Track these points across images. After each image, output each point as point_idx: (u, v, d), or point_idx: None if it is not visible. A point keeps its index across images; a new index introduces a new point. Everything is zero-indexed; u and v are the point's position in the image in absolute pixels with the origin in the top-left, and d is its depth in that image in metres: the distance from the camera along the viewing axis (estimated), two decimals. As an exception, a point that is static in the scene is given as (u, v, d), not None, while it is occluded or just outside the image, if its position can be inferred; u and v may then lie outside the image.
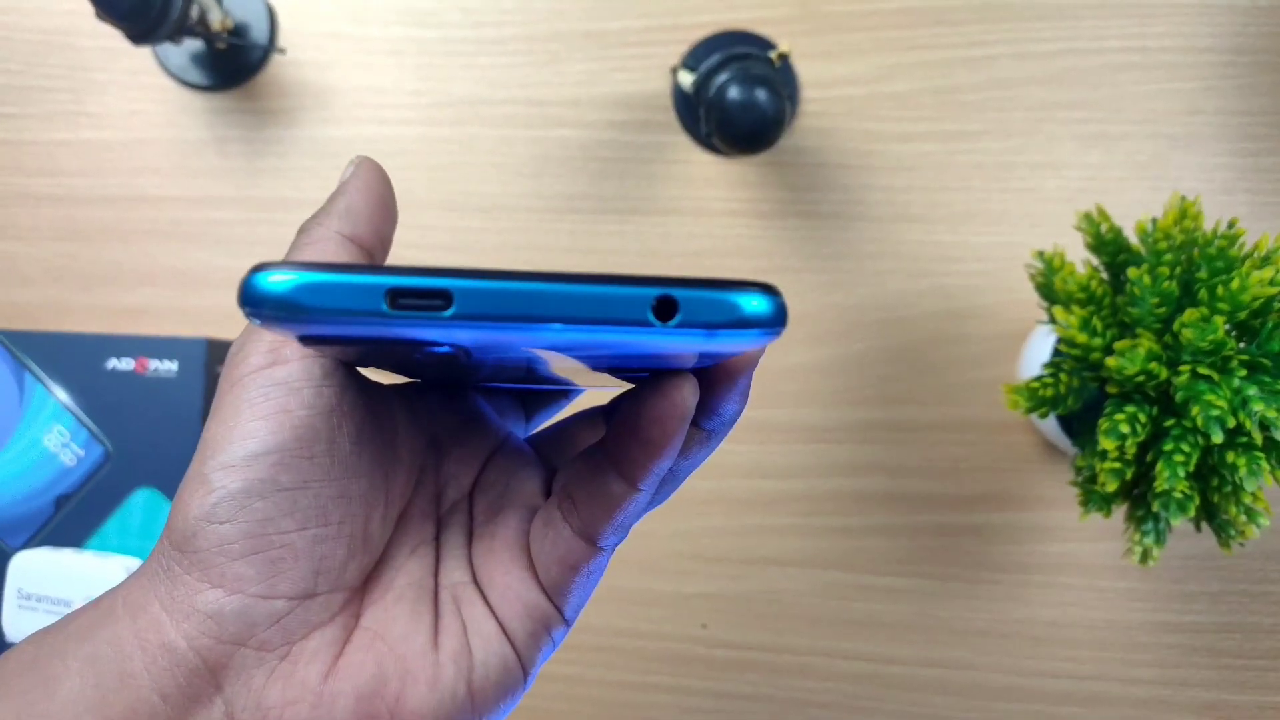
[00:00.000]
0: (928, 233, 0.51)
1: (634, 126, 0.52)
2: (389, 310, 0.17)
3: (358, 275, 0.17)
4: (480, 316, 0.17)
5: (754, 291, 0.17)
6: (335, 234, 0.25)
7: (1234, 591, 0.50)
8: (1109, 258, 0.41)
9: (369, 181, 0.26)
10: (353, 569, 0.23)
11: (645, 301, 0.17)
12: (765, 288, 0.18)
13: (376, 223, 0.26)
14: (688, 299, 0.17)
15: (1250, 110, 0.50)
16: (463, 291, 0.17)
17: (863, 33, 0.51)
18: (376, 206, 0.26)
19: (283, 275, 0.17)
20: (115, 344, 0.50)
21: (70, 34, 0.53)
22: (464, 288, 0.17)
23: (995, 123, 0.51)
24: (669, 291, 0.17)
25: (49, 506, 0.50)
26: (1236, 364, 0.37)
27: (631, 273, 0.17)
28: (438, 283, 0.17)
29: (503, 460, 0.28)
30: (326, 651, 0.22)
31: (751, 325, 0.17)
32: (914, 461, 0.51)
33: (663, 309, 0.17)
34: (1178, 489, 0.37)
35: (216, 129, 0.53)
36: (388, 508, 0.25)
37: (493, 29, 0.52)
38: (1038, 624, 0.51)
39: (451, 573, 0.25)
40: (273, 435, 0.22)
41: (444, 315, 0.17)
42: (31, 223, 0.53)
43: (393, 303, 0.17)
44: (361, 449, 0.24)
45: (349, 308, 0.17)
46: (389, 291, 0.17)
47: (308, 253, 0.25)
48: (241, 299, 0.17)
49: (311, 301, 0.17)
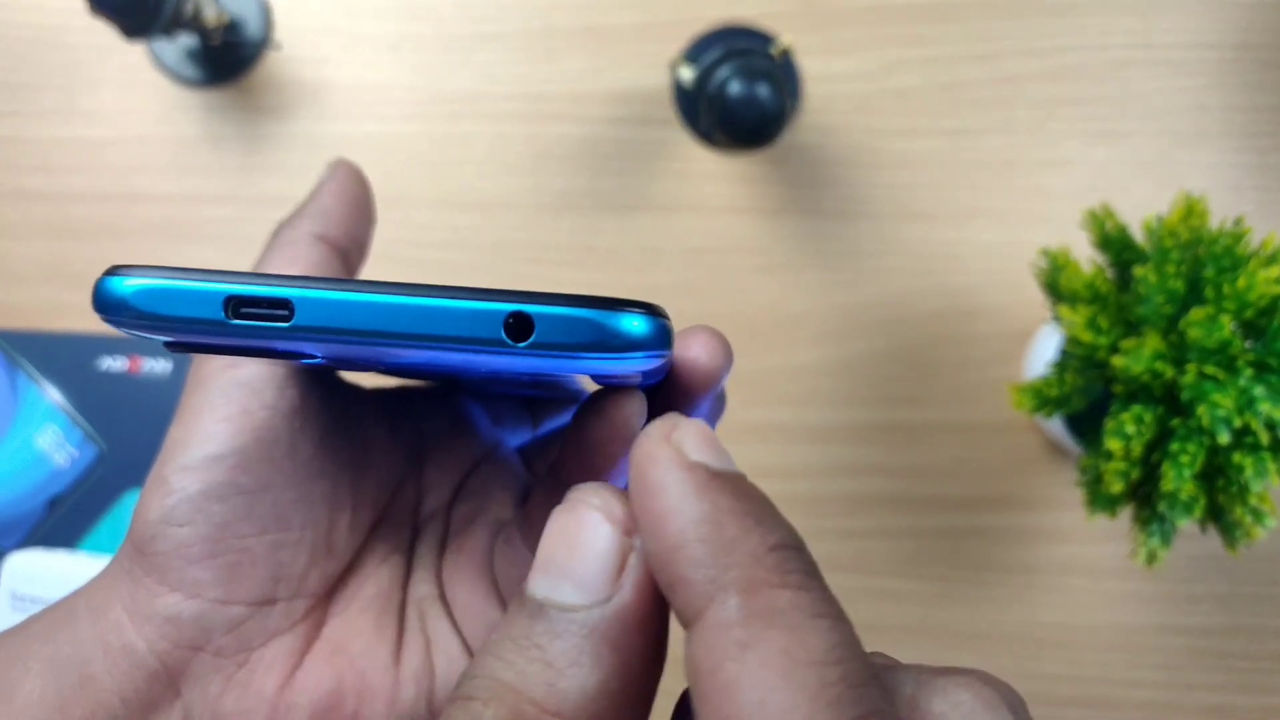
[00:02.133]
0: (931, 230, 0.51)
1: (633, 122, 0.51)
2: (228, 319, 0.16)
3: (197, 282, 0.16)
4: (322, 330, 0.16)
5: (630, 311, 0.16)
6: (307, 234, 0.25)
7: (1241, 593, 0.50)
8: (1115, 256, 0.41)
9: (344, 184, 0.26)
10: (315, 576, 0.23)
11: (497, 319, 0.16)
12: (644, 307, 0.16)
13: (350, 224, 0.26)
14: (545, 317, 0.16)
15: (1257, 107, 0.50)
16: (304, 302, 0.16)
17: (865, 28, 0.51)
18: (350, 208, 0.26)
19: (130, 280, 0.16)
20: (108, 343, 0.50)
21: (63, 30, 0.53)
22: (305, 298, 0.16)
23: (1000, 120, 0.50)
24: (523, 308, 0.16)
25: (42, 507, 0.49)
26: (1243, 363, 0.37)
27: (491, 287, 0.16)
28: (278, 292, 0.16)
29: (486, 470, 0.27)
30: (284, 661, 0.22)
31: (622, 349, 0.16)
32: (917, 462, 0.51)
33: (517, 328, 0.16)
34: (1184, 490, 0.37)
35: (211, 125, 0.52)
36: (356, 514, 0.24)
37: (490, 24, 0.52)
38: (1042, 626, 0.50)
39: (419, 585, 0.25)
40: (233, 437, 0.21)
41: (283, 326, 0.16)
42: (24, 221, 0.53)
43: (233, 311, 0.16)
44: (326, 453, 0.23)
45: (187, 315, 0.16)
46: (228, 300, 0.16)
47: (276, 256, 0.25)
48: (94, 303, 0.17)
49: (153, 308, 0.16)
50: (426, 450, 0.27)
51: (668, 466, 0.14)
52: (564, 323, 0.16)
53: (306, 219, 0.25)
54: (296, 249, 0.24)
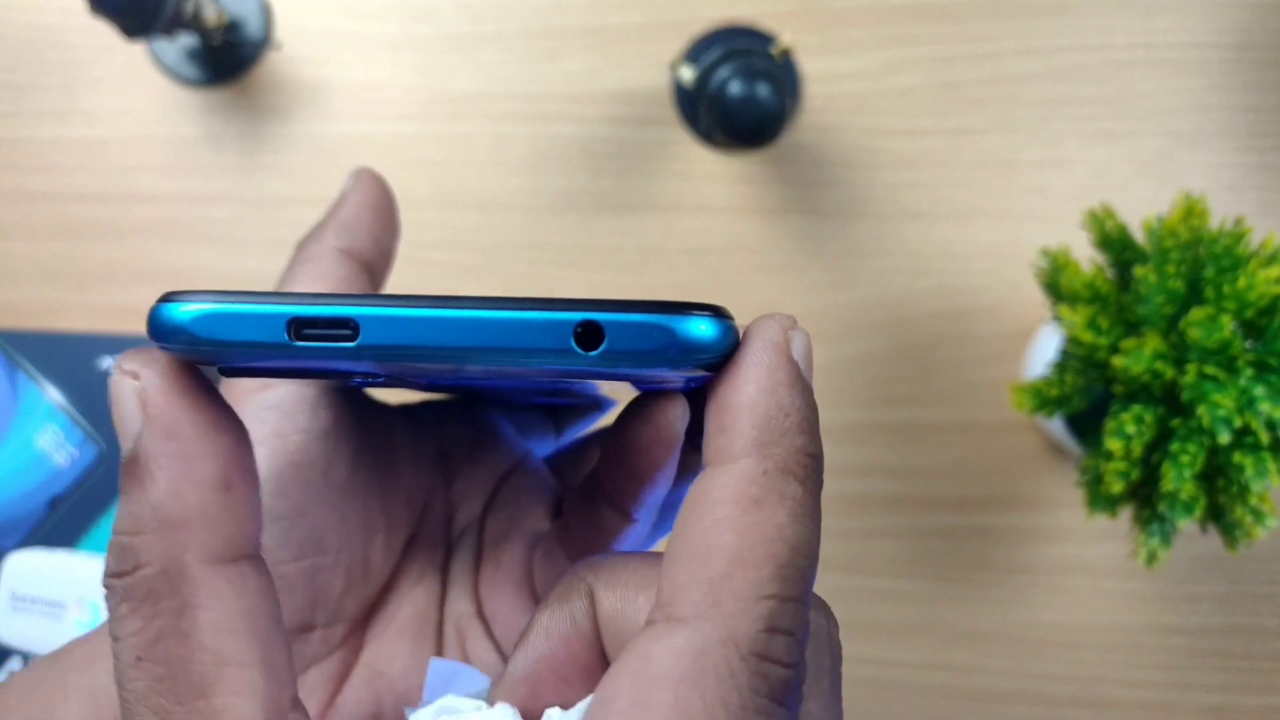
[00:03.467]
0: (931, 230, 0.51)
1: (634, 122, 0.51)
2: (292, 341, 0.16)
3: (258, 305, 0.16)
4: (388, 347, 0.16)
5: (697, 315, 0.16)
6: (332, 249, 0.24)
7: (1241, 593, 0.50)
8: (1115, 255, 0.41)
9: (367, 193, 0.26)
10: (351, 600, 0.22)
11: (567, 329, 0.16)
12: (712, 310, 0.16)
13: (375, 235, 0.25)
14: (615, 324, 0.16)
15: (1257, 107, 0.50)
16: (369, 320, 0.16)
17: (865, 28, 0.51)
18: (375, 219, 0.25)
19: (186, 306, 0.16)
20: (109, 343, 0.50)
21: (63, 30, 0.53)
22: (370, 315, 0.16)
23: (1000, 119, 0.50)
24: (592, 316, 0.16)
25: (42, 507, 0.49)
26: (1243, 363, 0.37)
27: (558, 297, 0.16)
28: (342, 311, 0.16)
29: (516, 482, 0.26)
30: (324, 688, 0.21)
31: (694, 355, 0.16)
32: (917, 462, 0.51)
33: (587, 336, 0.16)
34: (1184, 490, 0.37)
35: (211, 126, 0.52)
36: (390, 534, 0.24)
37: (491, 24, 0.52)
38: (1043, 626, 0.50)
39: (456, 603, 0.24)
40: (267, 462, 0.21)
41: (349, 346, 0.16)
42: (24, 221, 0.53)
43: (296, 333, 0.16)
44: (359, 473, 0.23)
45: (250, 339, 0.16)
46: (291, 321, 0.16)
47: (301, 272, 0.24)
48: (149, 331, 0.16)
49: (212, 333, 0.16)
50: (454, 464, 0.26)
51: (775, 350, 0.17)
52: (634, 329, 0.16)
53: (330, 232, 0.24)
54: (321, 264, 0.24)
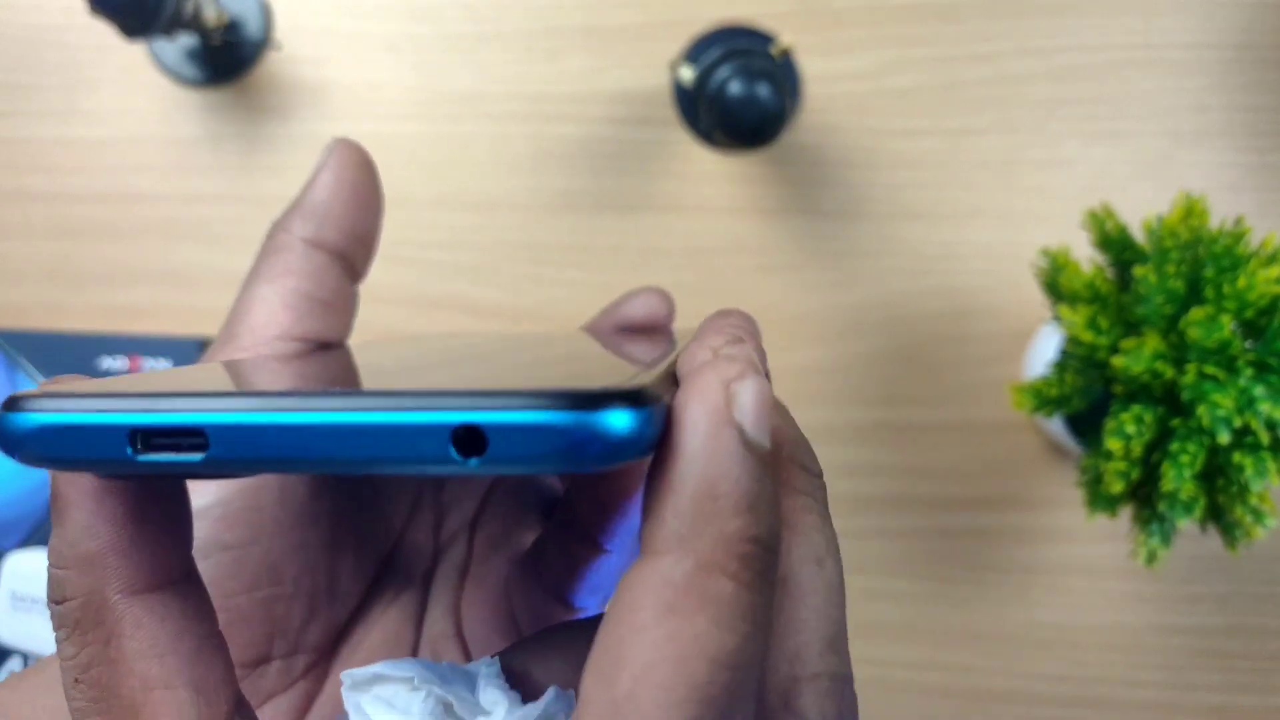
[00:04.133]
0: (931, 230, 0.51)
1: (634, 122, 0.51)
2: (135, 455, 0.14)
3: (93, 414, 0.14)
4: (242, 460, 0.14)
5: (606, 407, 0.13)
6: (299, 241, 0.22)
7: (1241, 593, 0.50)
8: (1115, 256, 0.41)
9: (341, 171, 0.23)
10: (315, 629, 0.21)
11: (443, 434, 0.13)
12: (626, 396, 0.13)
13: (349, 221, 0.23)
14: (500, 428, 0.13)
15: (1258, 107, 0.50)
16: (218, 429, 0.13)
17: (865, 28, 0.51)
18: (350, 200, 0.23)
19: (25, 417, 0.14)
20: (108, 343, 0.50)
21: (63, 30, 0.53)
22: (219, 423, 0.13)
23: (1000, 119, 0.50)
24: (472, 419, 0.13)
25: (42, 508, 0.49)
26: (1243, 363, 0.37)
27: (434, 387, 0.13)
28: (187, 420, 0.14)
29: (506, 492, 0.25)
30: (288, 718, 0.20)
31: (602, 458, 0.13)
32: (917, 462, 0.51)
33: (467, 442, 0.13)
34: (1184, 490, 0.37)
35: (211, 126, 0.52)
36: (361, 554, 0.22)
37: (491, 24, 0.52)
38: (1043, 626, 0.50)
39: (435, 623, 0.23)
40: (215, 489, 0.20)
41: (196, 459, 0.14)
42: (24, 221, 0.53)
43: (140, 444, 0.14)
44: (324, 492, 0.21)
45: (89, 455, 0.14)
46: (132, 433, 0.14)
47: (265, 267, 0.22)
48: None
49: (49, 449, 0.14)
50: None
51: (706, 413, 0.14)
52: (522, 433, 0.13)
53: (298, 219, 0.22)
54: (288, 258, 0.22)
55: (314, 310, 0.22)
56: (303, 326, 0.21)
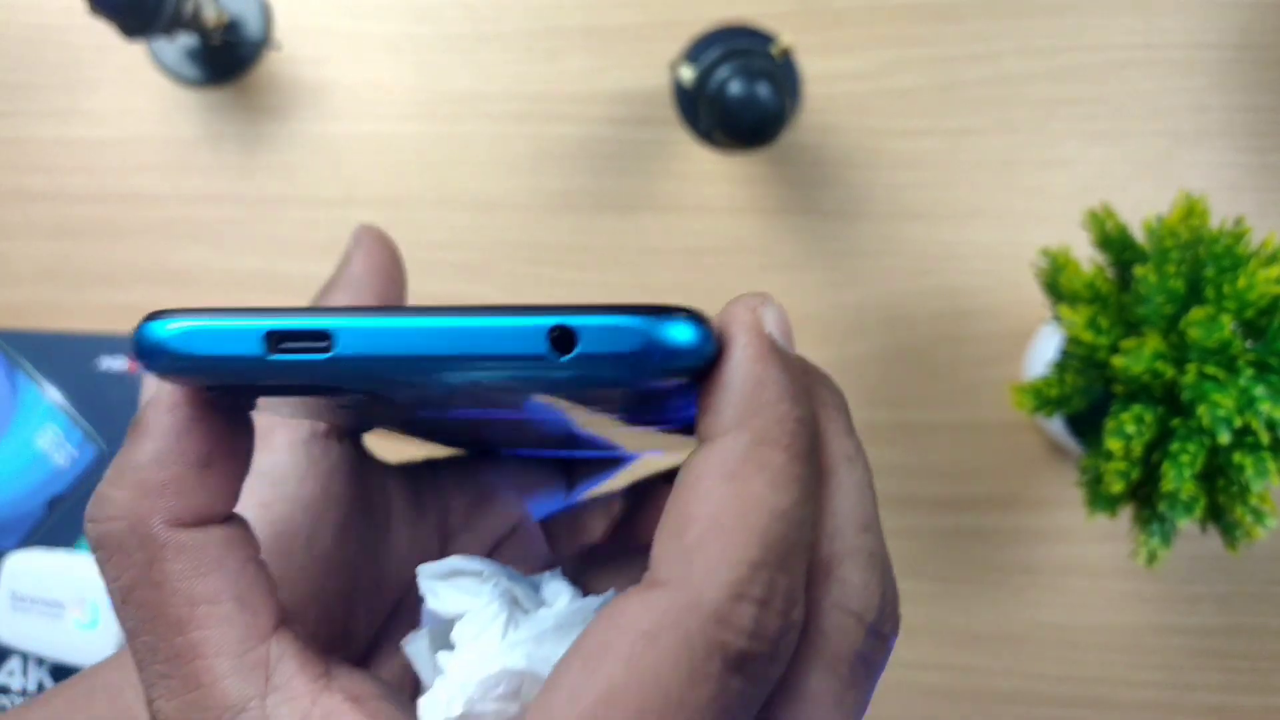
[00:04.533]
0: (931, 230, 0.51)
1: (634, 122, 0.51)
2: (267, 355, 0.16)
3: (235, 320, 0.16)
4: (363, 357, 0.16)
5: (676, 318, 0.16)
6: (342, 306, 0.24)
7: (1241, 593, 0.50)
8: (1115, 255, 0.41)
9: (371, 250, 0.26)
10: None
11: (540, 332, 0.15)
12: (689, 313, 0.16)
13: (380, 290, 0.25)
14: (589, 328, 0.15)
15: (1257, 106, 0.50)
16: (343, 331, 0.16)
17: (865, 28, 0.51)
18: (380, 274, 0.25)
19: (167, 325, 0.16)
20: (108, 343, 0.50)
21: (63, 30, 0.53)
22: (344, 327, 0.16)
23: (1000, 119, 0.50)
24: (566, 320, 0.15)
25: (42, 507, 0.49)
26: (1244, 363, 0.37)
27: (536, 303, 0.16)
28: (317, 323, 0.16)
29: (511, 547, 0.26)
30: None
31: (674, 360, 0.16)
32: (917, 462, 0.51)
33: (561, 340, 0.15)
34: (1184, 490, 0.37)
35: (211, 125, 0.52)
36: (375, 598, 0.23)
37: (491, 24, 0.52)
38: (1042, 626, 0.50)
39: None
40: (258, 522, 0.21)
41: (323, 358, 0.16)
42: (24, 221, 0.53)
43: (273, 345, 0.16)
44: (346, 542, 0.22)
45: (226, 353, 0.16)
46: (268, 334, 0.16)
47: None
48: (134, 350, 0.16)
49: (190, 348, 0.16)
50: (451, 526, 0.26)
51: (743, 327, 0.17)
52: (608, 332, 0.15)
53: (339, 291, 0.25)
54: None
55: None
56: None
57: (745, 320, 0.17)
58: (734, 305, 0.17)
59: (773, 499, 0.16)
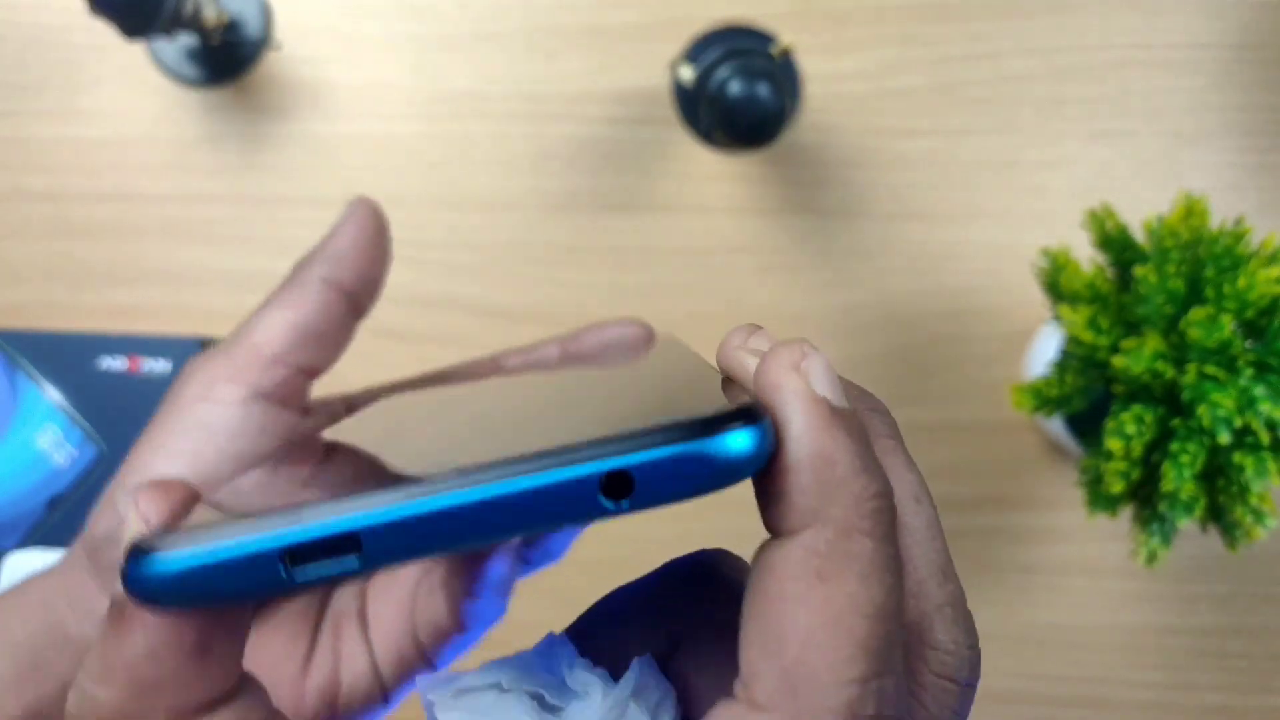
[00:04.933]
0: (931, 230, 0.51)
1: (634, 122, 0.51)
2: (289, 578, 0.14)
3: (242, 541, 0.14)
4: (396, 550, 0.14)
5: (732, 428, 0.14)
6: (319, 279, 0.25)
7: (1241, 593, 0.50)
8: (1115, 255, 0.41)
9: (361, 224, 0.26)
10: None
11: (591, 485, 0.13)
12: (743, 415, 0.14)
13: (363, 266, 0.26)
14: (643, 466, 0.13)
15: (1257, 106, 0.50)
16: (371, 532, 0.14)
17: (865, 28, 0.51)
18: (365, 250, 0.26)
19: (162, 559, 0.14)
20: (107, 343, 0.50)
21: (63, 30, 0.53)
22: (372, 526, 0.13)
23: (1000, 119, 0.50)
24: (617, 465, 0.13)
25: (42, 507, 0.49)
26: (1244, 363, 0.37)
27: (573, 444, 0.14)
28: (339, 526, 0.13)
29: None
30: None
31: (737, 476, 0.14)
32: (917, 462, 0.50)
33: (614, 487, 0.13)
34: (1184, 490, 0.37)
35: (211, 125, 0.52)
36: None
37: (490, 24, 0.52)
38: (1043, 626, 0.50)
39: (341, 597, 0.25)
40: (185, 469, 0.22)
41: (352, 568, 0.14)
42: (23, 220, 0.53)
43: (293, 562, 0.14)
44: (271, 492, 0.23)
45: (240, 586, 0.14)
46: (286, 553, 0.14)
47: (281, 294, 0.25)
48: (125, 587, 0.14)
49: (194, 587, 0.14)
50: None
51: (795, 396, 0.15)
52: (668, 466, 0.13)
53: (319, 262, 0.26)
54: (304, 291, 0.25)
55: (310, 342, 0.25)
56: (296, 354, 0.24)
57: (795, 388, 0.15)
58: (776, 367, 0.15)
59: (868, 595, 0.14)
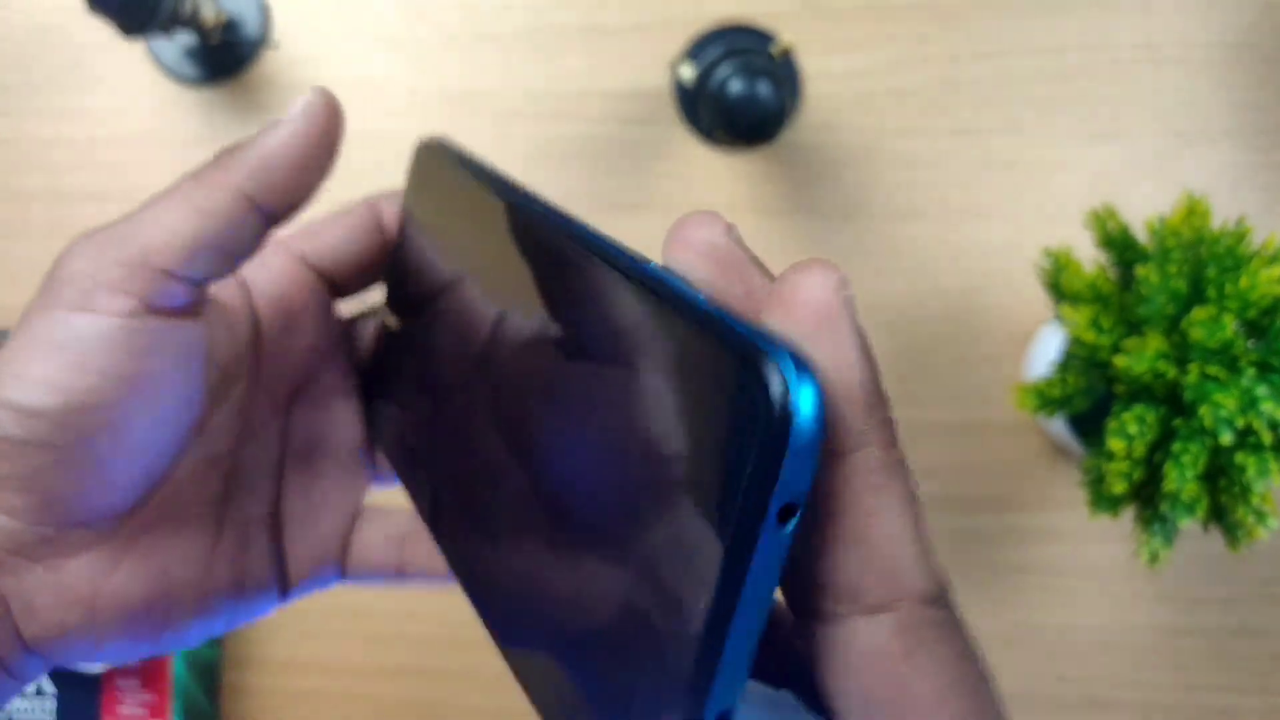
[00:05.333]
0: (932, 230, 0.50)
1: (634, 121, 0.51)
2: None
3: None
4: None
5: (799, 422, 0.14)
6: (236, 190, 0.22)
7: (1243, 594, 0.50)
8: (1117, 255, 0.41)
9: (306, 129, 0.22)
10: (130, 498, 0.23)
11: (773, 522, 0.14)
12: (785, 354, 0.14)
13: (293, 185, 0.22)
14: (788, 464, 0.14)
15: (1259, 106, 0.50)
16: None
17: (866, 27, 0.51)
18: (301, 163, 0.22)
19: None
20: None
21: (61, 29, 0.53)
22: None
23: (1002, 119, 0.50)
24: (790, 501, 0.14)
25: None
26: (1246, 363, 0.36)
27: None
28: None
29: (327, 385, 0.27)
30: (97, 568, 0.22)
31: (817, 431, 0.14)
32: (919, 463, 0.50)
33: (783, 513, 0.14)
34: (1186, 490, 0.37)
35: (209, 124, 0.52)
36: (183, 442, 0.24)
37: (490, 24, 0.52)
38: (1043, 626, 0.50)
39: (247, 500, 0.26)
40: (56, 394, 0.21)
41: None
42: (22, 220, 0.53)
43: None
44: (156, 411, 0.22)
45: None
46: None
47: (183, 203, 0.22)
48: None
49: None
50: (264, 341, 0.25)
51: (849, 322, 0.15)
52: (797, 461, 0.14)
53: (243, 169, 0.22)
54: (217, 197, 0.22)
55: (213, 258, 0.22)
56: (192, 268, 0.21)
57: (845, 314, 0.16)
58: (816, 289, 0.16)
59: (910, 489, 0.16)
